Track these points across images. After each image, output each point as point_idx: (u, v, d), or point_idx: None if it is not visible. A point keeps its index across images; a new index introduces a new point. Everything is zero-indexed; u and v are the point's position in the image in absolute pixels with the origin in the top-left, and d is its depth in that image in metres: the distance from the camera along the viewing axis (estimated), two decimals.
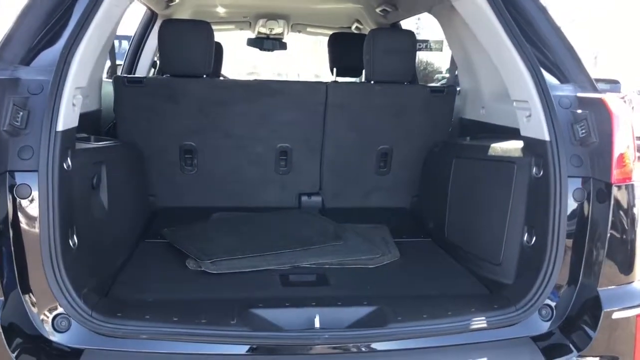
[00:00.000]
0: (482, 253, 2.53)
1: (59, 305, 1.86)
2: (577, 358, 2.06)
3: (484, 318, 2.03)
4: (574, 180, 2.11)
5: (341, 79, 4.44)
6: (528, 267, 2.18)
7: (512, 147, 2.41)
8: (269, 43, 5.42)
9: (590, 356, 2.07)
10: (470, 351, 2.00)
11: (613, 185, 2.08)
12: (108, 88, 3.25)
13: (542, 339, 2.09)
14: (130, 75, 4.32)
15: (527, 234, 2.22)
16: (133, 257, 2.62)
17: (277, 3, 4.77)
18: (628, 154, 2.10)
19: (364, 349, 1.95)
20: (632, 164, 2.12)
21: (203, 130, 3.30)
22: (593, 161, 2.12)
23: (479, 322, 2.02)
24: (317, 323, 1.97)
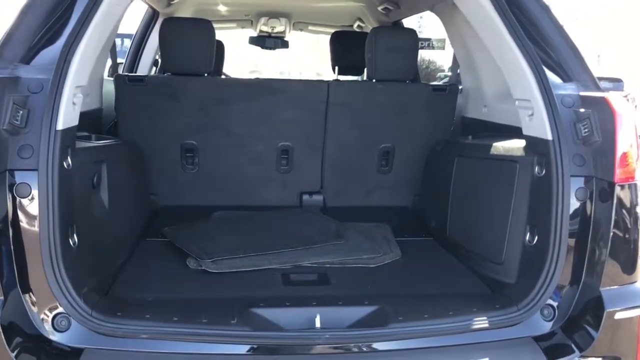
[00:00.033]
0: (484, 252, 2.51)
1: (59, 304, 1.86)
2: (580, 358, 2.05)
3: (486, 318, 2.02)
4: (577, 179, 2.09)
5: (343, 78, 4.44)
6: (530, 267, 2.17)
7: (515, 146, 2.40)
8: (271, 41, 5.41)
9: (592, 357, 2.06)
10: (471, 351, 2.00)
11: (616, 184, 2.07)
12: (109, 86, 3.24)
13: (544, 339, 2.08)
14: (131, 73, 4.32)
15: (529, 234, 2.21)
16: (134, 256, 2.62)
17: (279, 1, 4.76)
18: (631, 153, 2.09)
19: (365, 349, 1.94)
20: (635, 163, 2.11)
21: (204, 128, 3.29)
22: (596, 160, 2.10)
23: (481, 322, 2.01)
24: (318, 323, 1.96)
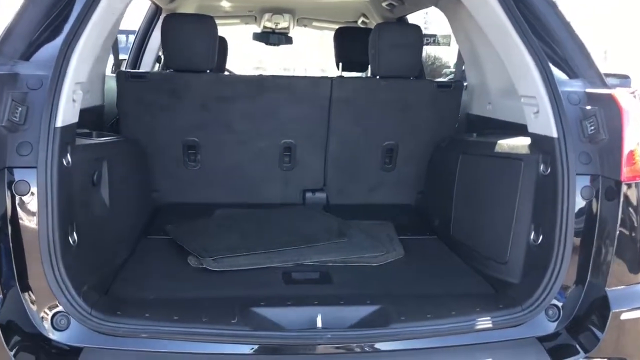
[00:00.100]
0: (488, 251, 2.49)
1: (58, 303, 1.84)
2: (584, 359, 2.03)
3: (489, 318, 2.00)
4: (583, 177, 2.07)
5: (347, 74, 4.40)
6: (535, 266, 2.15)
7: (519, 144, 2.37)
8: (275, 37, 5.38)
9: (597, 357, 2.04)
10: (475, 352, 1.98)
11: (623, 183, 2.04)
12: (112, 83, 3.22)
13: (549, 340, 2.05)
14: (134, 70, 4.30)
15: (534, 233, 2.19)
16: (135, 254, 2.60)
17: None
18: (638, 151, 2.06)
19: (367, 349, 1.92)
20: None
21: (206, 125, 3.27)
22: (602, 158, 2.07)
23: (484, 322, 1.99)
24: (319, 322, 1.95)
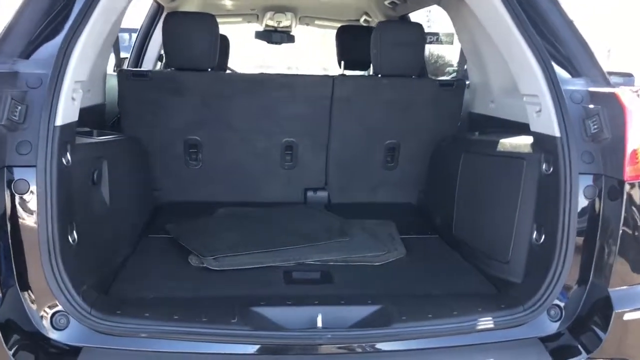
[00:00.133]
0: (490, 251, 2.48)
1: (58, 302, 1.84)
2: None
3: (491, 318, 1.99)
4: (585, 177, 2.05)
5: (349, 73, 4.39)
6: (537, 266, 2.13)
7: (522, 143, 2.35)
8: (277, 36, 5.36)
9: (600, 358, 2.02)
10: (476, 352, 1.97)
11: (626, 182, 2.02)
12: (113, 82, 3.22)
13: (551, 340, 2.04)
14: (135, 68, 4.29)
15: (537, 232, 2.17)
16: (135, 253, 2.60)
17: None
18: None
19: (367, 350, 1.91)
20: None
21: (208, 124, 3.26)
22: (605, 158, 2.06)
23: (486, 323, 1.98)
24: (320, 322, 1.93)
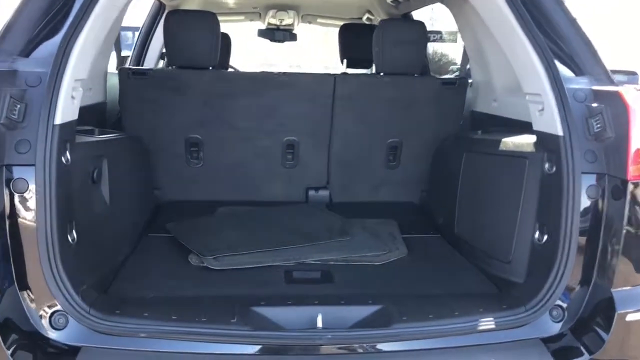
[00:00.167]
0: (492, 250, 2.46)
1: (57, 302, 1.83)
2: None
3: (492, 319, 1.98)
4: (588, 176, 2.03)
5: (352, 71, 4.37)
6: (539, 266, 2.12)
7: (524, 142, 2.33)
8: (280, 34, 5.35)
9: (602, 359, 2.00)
10: (477, 353, 1.95)
11: (629, 182, 1.99)
12: (115, 80, 3.21)
13: (553, 341, 2.03)
14: (137, 67, 4.29)
15: (539, 232, 2.16)
16: (136, 252, 2.59)
17: None
18: None
19: (367, 350, 1.90)
20: None
21: (209, 123, 3.25)
22: (608, 157, 2.04)
23: (487, 323, 1.96)
24: (320, 322, 1.92)
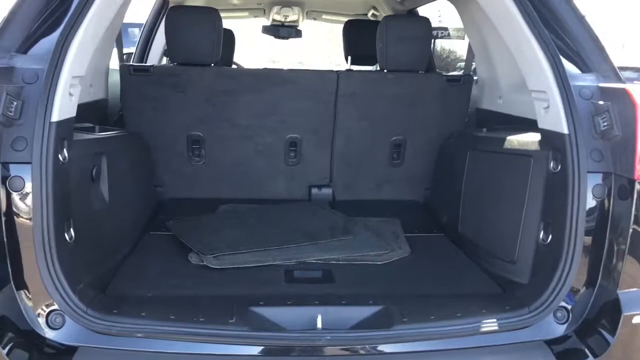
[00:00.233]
0: (496, 250, 2.43)
1: (53, 301, 1.81)
2: None
3: (495, 320, 1.94)
4: (594, 175, 1.99)
5: (356, 68, 4.34)
6: (543, 267, 2.08)
7: (529, 140, 2.30)
8: (284, 31, 5.31)
9: None
10: (479, 355, 1.93)
11: (636, 181, 1.95)
12: (117, 77, 3.19)
13: (557, 343, 1.99)
14: (141, 63, 4.27)
15: (544, 232, 2.12)
16: (136, 250, 2.58)
17: None
18: None
19: (367, 351, 1.87)
20: None
21: (211, 120, 3.23)
22: (615, 156, 1.99)
23: (490, 325, 1.93)
24: (319, 323, 1.90)
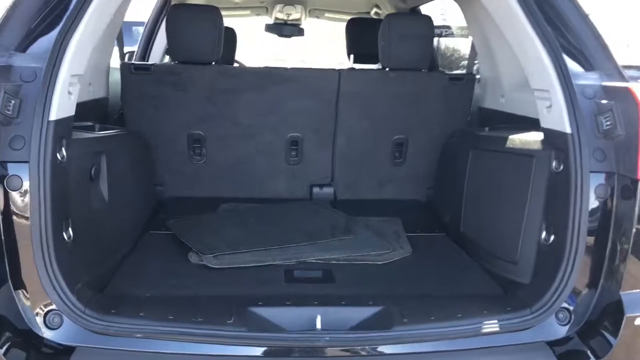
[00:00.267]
0: (498, 250, 2.41)
1: (51, 301, 1.80)
2: None
3: (496, 321, 1.93)
4: (597, 175, 1.97)
5: (359, 66, 4.32)
6: (545, 267, 2.07)
7: (532, 140, 2.28)
8: (287, 29, 5.29)
9: None
10: (480, 356, 1.91)
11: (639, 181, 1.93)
12: (117, 75, 3.18)
13: (559, 345, 1.97)
14: (140, 62, 4.26)
15: (546, 232, 2.11)
16: (135, 250, 2.57)
17: None
18: None
19: (367, 352, 1.86)
20: None
21: (212, 118, 3.22)
22: (618, 155, 1.97)
23: (491, 326, 1.91)
24: (319, 324, 1.89)
